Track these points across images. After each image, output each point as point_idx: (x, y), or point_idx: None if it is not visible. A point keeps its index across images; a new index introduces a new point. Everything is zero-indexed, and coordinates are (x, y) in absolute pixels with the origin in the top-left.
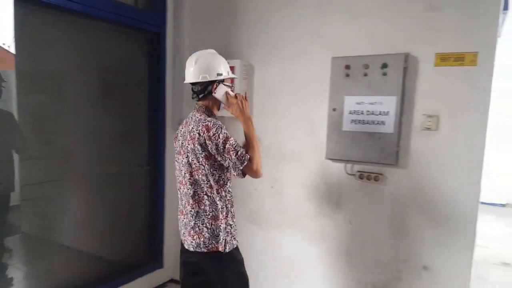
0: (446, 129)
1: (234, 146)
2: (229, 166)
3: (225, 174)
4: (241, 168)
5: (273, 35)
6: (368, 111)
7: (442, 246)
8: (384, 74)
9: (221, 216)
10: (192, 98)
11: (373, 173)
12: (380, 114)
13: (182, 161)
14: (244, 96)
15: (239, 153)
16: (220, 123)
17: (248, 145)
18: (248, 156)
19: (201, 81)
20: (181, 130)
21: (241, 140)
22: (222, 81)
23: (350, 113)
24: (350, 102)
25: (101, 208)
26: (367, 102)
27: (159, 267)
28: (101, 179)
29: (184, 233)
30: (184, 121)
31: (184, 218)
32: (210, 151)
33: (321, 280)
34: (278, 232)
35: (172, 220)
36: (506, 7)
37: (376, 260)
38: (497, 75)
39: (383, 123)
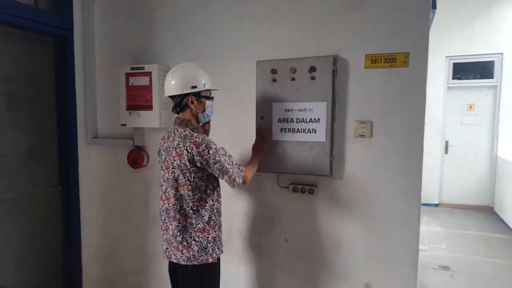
0: (380, 135)
1: (228, 160)
2: (223, 178)
3: (212, 183)
4: (241, 181)
5: (194, 37)
6: (298, 118)
7: (384, 261)
8: (313, 78)
9: (208, 227)
10: (172, 111)
11: (307, 185)
12: (310, 121)
13: (164, 176)
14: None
15: (235, 165)
16: (208, 138)
17: (251, 166)
18: (243, 168)
19: (176, 94)
20: (163, 145)
21: None
22: (199, 94)
23: (279, 121)
24: (279, 109)
25: (6, 237)
26: (296, 109)
27: None
28: (5, 204)
29: (167, 248)
30: (166, 135)
31: (165, 234)
32: (200, 166)
33: None
34: None
35: (91, 244)
36: (434, 6)
37: (314, 280)
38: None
39: (314, 131)
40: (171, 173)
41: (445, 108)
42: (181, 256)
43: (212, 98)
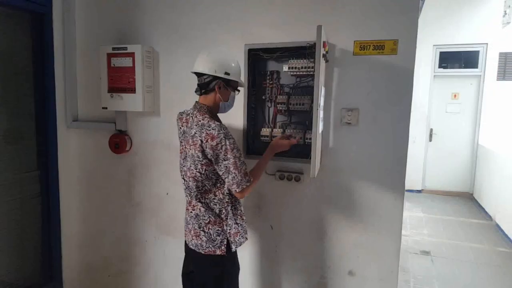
0: (367, 123)
1: (238, 163)
2: (225, 178)
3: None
4: (238, 190)
5: (182, 18)
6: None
7: (367, 248)
8: None
9: (218, 220)
10: (195, 92)
11: (294, 172)
12: None
13: (183, 161)
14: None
15: (241, 172)
16: (227, 132)
17: (259, 167)
18: (251, 179)
19: (208, 73)
20: (181, 128)
21: None
22: (228, 82)
23: None
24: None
25: None
26: None
27: (57, 286)
28: None
29: (184, 227)
30: (184, 117)
31: (185, 215)
32: (211, 158)
33: None
34: None
35: (71, 231)
36: None
37: (299, 267)
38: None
39: None
40: (186, 161)
41: (431, 96)
42: (191, 241)
43: (238, 91)
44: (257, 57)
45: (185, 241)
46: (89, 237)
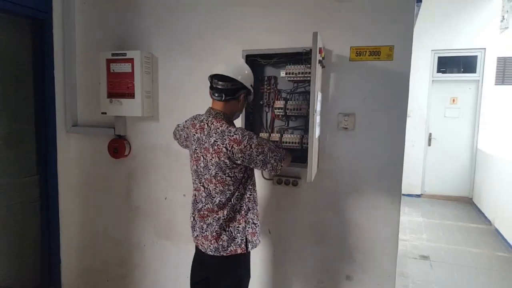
0: (364, 127)
1: (272, 147)
2: (265, 168)
3: (248, 172)
4: (283, 163)
5: (181, 23)
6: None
7: (365, 253)
8: None
9: (238, 217)
10: (212, 96)
11: (291, 177)
12: None
13: (193, 167)
14: None
15: (276, 148)
16: (248, 132)
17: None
18: (284, 154)
19: (239, 80)
20: (194, 135)
21: None
22: (249, 93)
23: None
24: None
25: None
26: None
27: None
28: None
29: (197, 236)
30: (197, 124)
31: (199, 223)
32: (242, 162)
33: None
34: (192, 247)
35: (70, 236)
36: None
37: (298, 271)
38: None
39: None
40: (208, 169)
41: (430, 101)
42: (209, 246)
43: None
44: (255, 63)
45: (198, 249)
46: (88, 241)
